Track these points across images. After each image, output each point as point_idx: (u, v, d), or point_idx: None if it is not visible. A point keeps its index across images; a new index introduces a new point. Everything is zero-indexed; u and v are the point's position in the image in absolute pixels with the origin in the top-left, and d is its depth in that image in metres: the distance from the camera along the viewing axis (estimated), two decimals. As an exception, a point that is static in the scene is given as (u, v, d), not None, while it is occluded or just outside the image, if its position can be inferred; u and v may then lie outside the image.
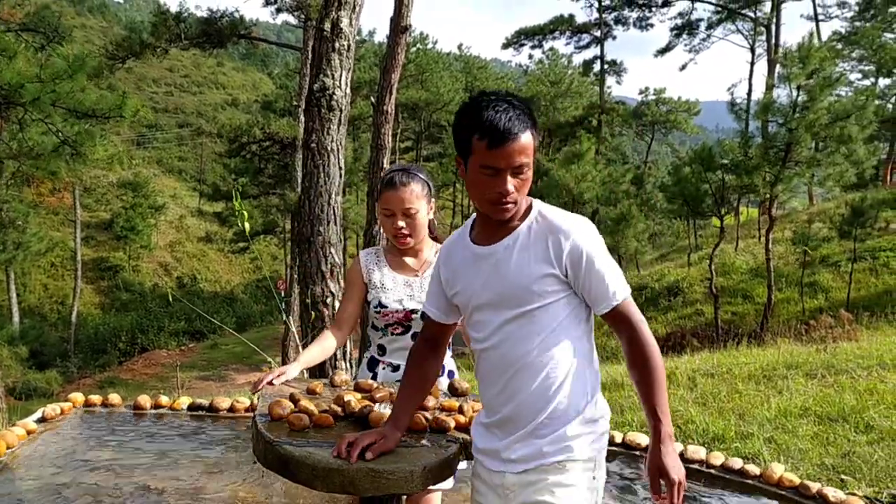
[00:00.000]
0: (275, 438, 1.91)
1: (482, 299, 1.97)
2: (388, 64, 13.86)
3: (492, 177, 1.85)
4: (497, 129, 1.80)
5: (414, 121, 39.01)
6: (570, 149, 21.33)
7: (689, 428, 5.82)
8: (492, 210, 1.90)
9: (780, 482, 3.52)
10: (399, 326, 2.74)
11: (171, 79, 70.36)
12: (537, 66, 45.70)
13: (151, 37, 18.09)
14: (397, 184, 2.66)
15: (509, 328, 1.94)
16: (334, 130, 6.19)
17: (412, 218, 2.68)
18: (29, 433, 3.48)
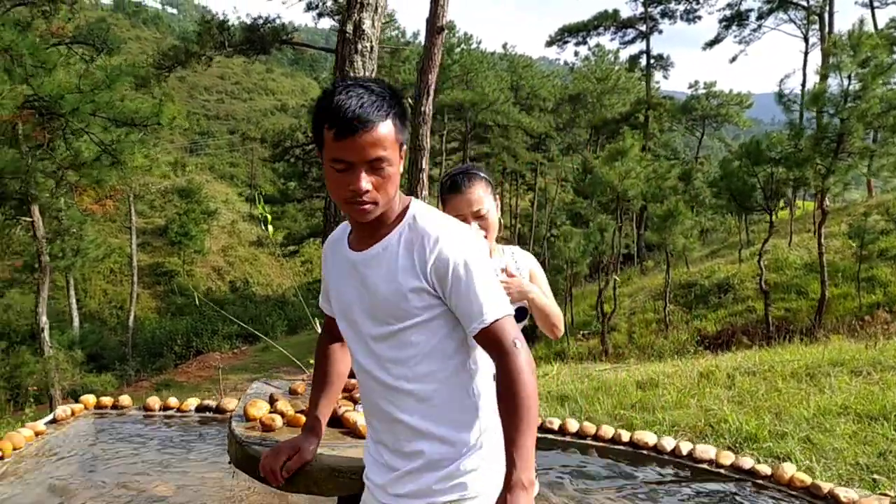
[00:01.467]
0: (246, 439, 1.91)
1: (353, 313, 1.78)
2: (425, 65, 13.89)
3: (344, 172, 1.63)
4: (345, 117, 1.57)
5: (459, 121, 38.96)
6: (614, 146, 21.04)
7: (721, 427, 5.68)
8: (348, 210, 1.68)
9: (791, 482, 3.41)
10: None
11: (223, 86, 71.76)
12: (583, 63, 45.32)
13: (196, 45, 18.48)
14: (462, 186, 2.52)
15: (379, 348, 1.74)
16: (358, 132, 6.20)
17: (483, 219, 2.51)
18: (37, 434, 3.58)
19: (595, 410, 6.35)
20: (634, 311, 25.06)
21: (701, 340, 19.39)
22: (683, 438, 5.58)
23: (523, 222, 46.22)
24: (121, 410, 3.97)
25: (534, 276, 2.66)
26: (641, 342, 22.13)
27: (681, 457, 3.76)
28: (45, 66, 7.40)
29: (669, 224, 21.71)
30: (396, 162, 1.66)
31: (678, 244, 21.85)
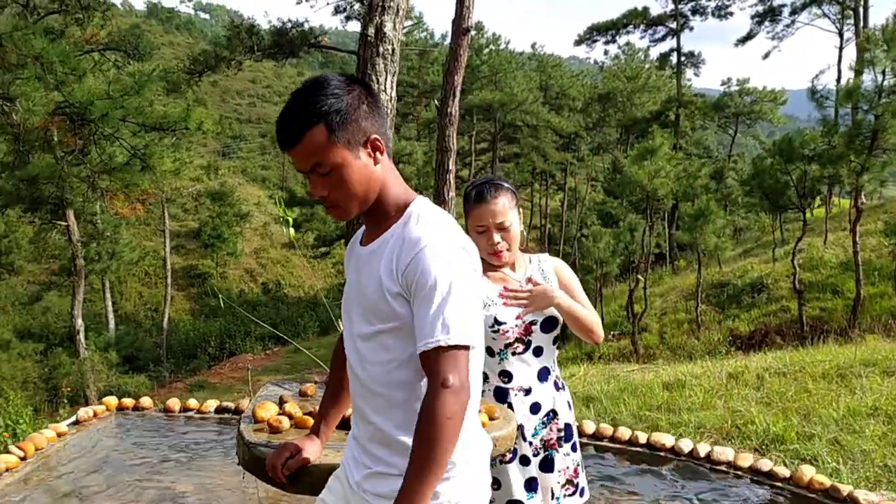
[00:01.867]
0: (252, 440, 1.94)
1: (349, 308, 1.77)
2: (451, 66, 13.90)
3: (308, 179, 1.69)
4: (277, 137, 1.66)
5: (489, 122, 38.97)
6: (643, 145, 20.86)
7: (748, 429, 5.61)
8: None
9: (810, 484, 3.36)
10: (520, 343, 2.55)
11: (254, 90, 72.51)
12: (613, 62, 45.01)
13: (226, 50, 18.71)
14: (487, 197, 2.51)
15: (363, 347, 1.71)
16: (381, 134, 6.22)
17: (507, 231, 2.52)
18: (59, 435, 3.65)
19: (620, 412, 6.30)
20: (666, 311, 24.83)
21: (733, 341, 19.16)
22: (709, 440, 5.52)
23: (553, 222, 46.01)
24: (142, 412, 4.04)
25: (563, 281, 2.63)
26: (673, 343, 21.93)
27: (698, 458, 3.73)
28: (75, 73, 7.57)
29: (701, 223, 21.48)
30: (342, 162, 1.63)
31: (710, 243, 21.61)
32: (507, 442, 2.28)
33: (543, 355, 2.59)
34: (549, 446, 2.57)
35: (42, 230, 20.74)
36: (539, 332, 2.55)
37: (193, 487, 3.27)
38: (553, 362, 2.64)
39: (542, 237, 43.63)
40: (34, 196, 14.93)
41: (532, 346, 2.57)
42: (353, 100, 1.65)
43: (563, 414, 2.60)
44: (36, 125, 7.92)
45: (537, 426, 2.57)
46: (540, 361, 2.59)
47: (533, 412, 2.57)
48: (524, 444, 2.53)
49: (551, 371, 2.62)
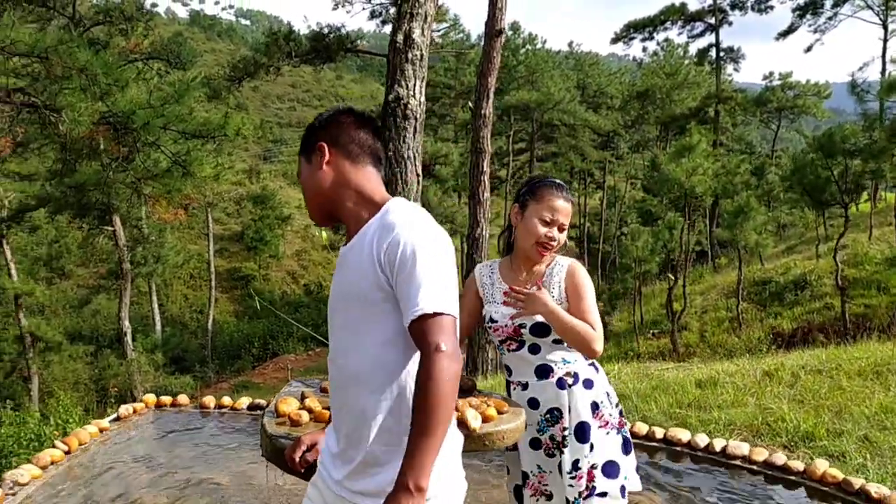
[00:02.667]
0: (274, 433, 2.07)
1: (332, 302, 1.88)
2: (485, 68, 14.04)
3: None
4: None
5: (526, 122, 38.92)
6: (681, 142, 20.69)
7: (778, 426, 5.61)
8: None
9: (823, 478, 3.40)
10: (513, 342, 2.64)
11: (294, 94, 73.39)
12: (651, 59, 44.61)
13: (264, 57, 19.03)
14: (565, 193, 2.61)
15: (343, 336, 1.81)
16: (410, 139, 6.37)
17: (562, 233, 2.61)
18: (101, 431, 3.85)
19: (650, 409, 6.34)
20: (706, 309, 24.59)
21: (775, 339, 18.94)
22: (738, 437, 5.55)
23: (592, 221, 45.77)
24: (179, 409, 4.23)
25: (571, 288, 2.60)
26: (713, 341, 21.72)
27: (714, 453, 3.79)
28: (118, 83, 7.86)
29: (741, 220, 21.24)
30: (300, 170, 1.94)
31: (750, 240, 21.35)
32: (515, 434, 2.38)
33: (541, 353, 2.61)
34: (560, 447, 2.56)
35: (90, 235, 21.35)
36: (529, 333, 2.58)
37: (227, 479, 3.43)
38: (563, 361, 2.61)
39: (580, 236, 43.44)
40: (82, 202, 15.43)
41: (527, 345, 2.62)
42: (320, 120, 1.96)
43: (571, 414, 2.55)
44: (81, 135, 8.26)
45: (540, 422, 2.60)
46: (539, 359, 2.61)
47: (531, 406, 2.61)
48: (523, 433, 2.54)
49: (555, 368, 2.60)
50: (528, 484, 2.60)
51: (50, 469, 3.36)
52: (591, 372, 2.65)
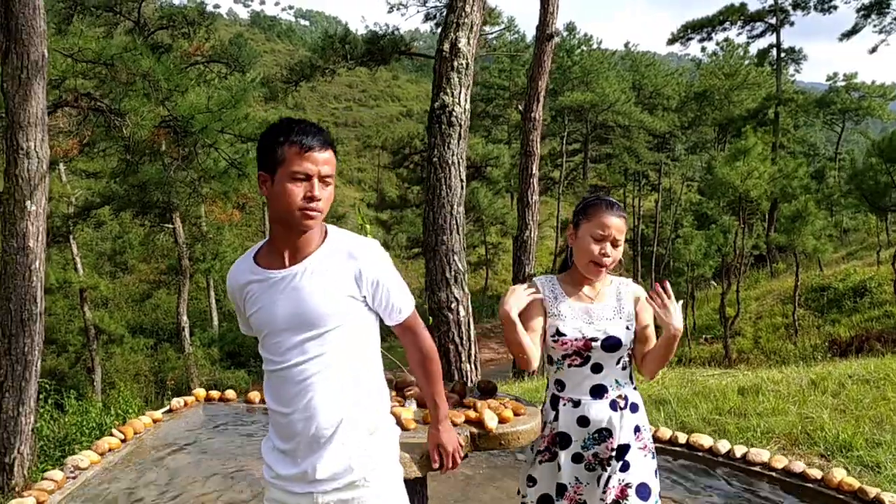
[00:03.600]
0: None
1: (280, 324, 2.06)
2: (535, 71, 14.12)
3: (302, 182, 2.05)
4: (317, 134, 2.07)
5: (580, 123, 38.74)
6: (736, 145, 20.38)
7: (817, 435, 5.60)
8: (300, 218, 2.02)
9: (839, 486, 3.45)
10: (577, 357, 2.63)
11: (351, 94, 74.24)
12: (710, 59, 43.91)
13: (320, 59, 19.45)
14: (617, 210, 2.63)
15: (308, 347, 2.04)
16: (454, 145, 6.52)
17: (616, 249, 2.62)
18: (154, 421, 4.11)
19: (689, 415, 6.37)
20: (761, 315, 24.20)
21: (831, 347, 18.55)
22: (776, 445, 5.57)
23: (647, 223, 45.28)
24: (227, 402, 4.47)
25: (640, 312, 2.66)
26: (768, 348, 21.39)
27: (734, 459, 3.85)
28: (178, 88, 8.22)
29: (798, 225, 20.85)
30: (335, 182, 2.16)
31: (808, 245, 20.94)
32: (529, 435, 2.52)
33: (602, 373, 2.62)
34: (604, 465, 2.59)
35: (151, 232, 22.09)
36: (600, 349, 2.59)
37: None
38: (616, 383, 2.64)
39: (634, 238, 43.02)
40: (144, 201, 16.01)
41: (591, 362, 2.61)
42: None
43: (620, 435, 2.60)
44: (143, 137, 8.65)
45: (587, 439, 2.61)
46: (597, 378, 2.62)
47: (580, 425, 2.61)
48: (563, 451, 2.60)
49: (610, 390, 2.62)
50: (565, 495, 2.60)
51: (108, 455, 3.63)
52: (637, 397, 2.72)
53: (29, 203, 7.27)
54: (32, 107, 7.18)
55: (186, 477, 3.64)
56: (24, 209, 7.23)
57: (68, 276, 24.53)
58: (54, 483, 3.28)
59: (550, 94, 38.26)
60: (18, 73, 7.06)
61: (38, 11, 7.09)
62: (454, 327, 6.52)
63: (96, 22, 16.52)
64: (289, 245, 2.07)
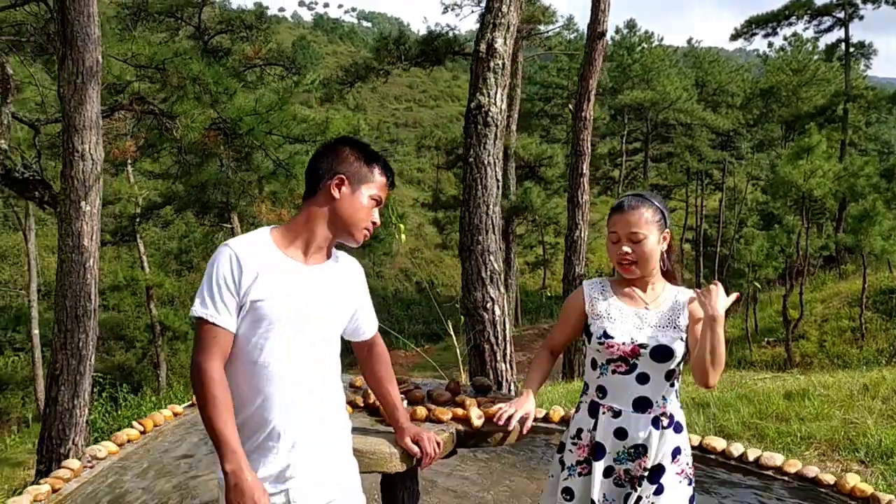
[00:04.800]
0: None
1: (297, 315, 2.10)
2: (586, 70, 13.99)
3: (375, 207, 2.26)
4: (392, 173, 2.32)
5: (640, 121, 38.19)
6: (799, 143, 19.79)
7: (858, 441, 5.44)
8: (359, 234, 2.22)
9: (852, 492, 3.36)
10: (623, 363, 2.50)
11: (411, 94, 74.78)
12: (778, 54, 42.75)
13: (374, 61, 19.67)
14: (625, 207, 2.51)
15: (326, 348, 2.20)
16: (490, 145, 6.55)
17: (639, 244, 2.47)
18: (175, 415, 4.24)
19: (728, 419, 6.26)
20: (827, 318, 23.44)
21: (898, 351, 17.90)
22: (816, 451, 5.43)
23: (710, 223, 44.37)
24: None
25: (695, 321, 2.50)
26: (833, 351, 20.74)
27: (748, 463, 3.77)
28: (227, 92, 8.45)
29: (865, 225, 20.15)
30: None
31: (876, 246, 20.21)
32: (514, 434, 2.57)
33: (648, 384, 2.48)
34: (630, 483, 2.48)
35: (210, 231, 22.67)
36: (648, 357, 2.46)
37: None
38: (662, 399, 2.50)
39: (697, 238, 42.21)
40: (203, 200, 16.44)
41: (636, 371, 2.48)
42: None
43: (656, 454, 2.47)
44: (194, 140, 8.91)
45: (621, 453, 2.50)
46: (642, 390, 2.48)
47: (617, 437, 2.49)
48: (597, 463, 2.49)
49: (654, 405, 2.49)
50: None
51: (126, 447, 3.77)
52: (682, 416, 2.58)
53: (84, 203, 7.54)
54: (87, 111, 7.45)
55: (202, 468, 3.75)
56: (79, 209, 7.50)
57: (135, 274, 25.37)
58: (71, 471, 3.43)
59: (610, 93, 37.84)
60: (74, 79, 7.33)
61: (93, 18, 7.35)
62: (489, 327, 6.54)
63: (159, 27, 17.07)
64: (318, 245, 2.18)
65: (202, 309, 2.02)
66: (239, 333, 2.06)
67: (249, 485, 1.94)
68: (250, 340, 2.06)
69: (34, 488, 3.29)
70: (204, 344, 2.02)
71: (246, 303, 2.04)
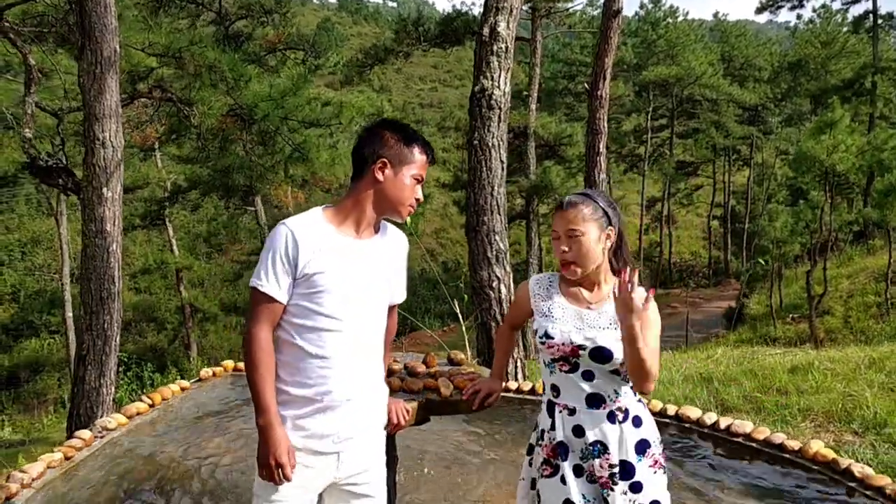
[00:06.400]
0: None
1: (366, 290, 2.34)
2: (601, 49, 13.98)
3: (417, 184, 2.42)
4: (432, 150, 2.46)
5: (666, 97, 37.81)
6: (822, 117, 19.54)
7: (855, 413, 5.55)
8: (404, 210, 2.41)
9: (815, 457, 3.50)
10: (566, 363, 2.49)
11: (436, 75, 74.56)
12: (806, 27, 41.99)
13: (394, 43, 19.75)
14: (565, 205, 2.49)
15: (380, 315, 2.42)
16: (494, 127, 6.68)
17: (576, 241, 2.44)
18: (183, 389, 4.48)
19: (729, 393, 6.39)
20: (853, 293, 23.23)
21: (923, 326, 17.75)
22: (812, 423, 5.56)
23: (739, 199, 43.93)
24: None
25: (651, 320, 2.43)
26: (858, 327, 20.59)
27: (719, 430, 3.91)
28: (242, 78, 8.65)
29: (891, 199, 19.90)
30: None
31: (903, 221, 19.96)
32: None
33: (596, 381, 2.47)
34: (603, 484, 2.44)
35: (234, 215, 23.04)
36: (587, 358, 2.45)
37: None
38: (615, 393, 2.49)
39: (724, 215, 41.86)
40: (227, 184, 16.74)
41: (580, 369, 2.48)
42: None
43: (619, 450, 2.46)
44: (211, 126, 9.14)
45: (584, 450, 2.49)
46: (592, 387, 2.48)
47: (576, 435, 2.49)
48: (565, 463, 2.47)
49: (608, 400, 2.48)
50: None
51: (135, 419, 4.02)
52: (641, 409, 2.55)
53: (105, 190, 7.81)
54: (107, 99, 7.70)
55: (207, 438, 3.99)
56: (101, 195, 7.77)
57: (165, 257, 25.88)
58: (82, 441, 3.68)
59: (634, 69, 37.48)
60: (93, 68, 7.58)
61: (109, 9, 7.57)
62: (495, 305, 6.71)
63: (180, 14, 17.30)
64: (367, 222, 2.37)
65: (257, 280, 2.24)
66: (300, 304, 2.25)
67: (277, 439, 2.18)
68: (311, 310, 2.25)
69: (47, 456, 3.54)
70: (256, 313, 2.24)
71: (303, 276, 2.23)
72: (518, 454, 3.76)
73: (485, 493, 3.50)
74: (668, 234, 40.62)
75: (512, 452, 3.97)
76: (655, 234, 42.49)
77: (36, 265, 31.83)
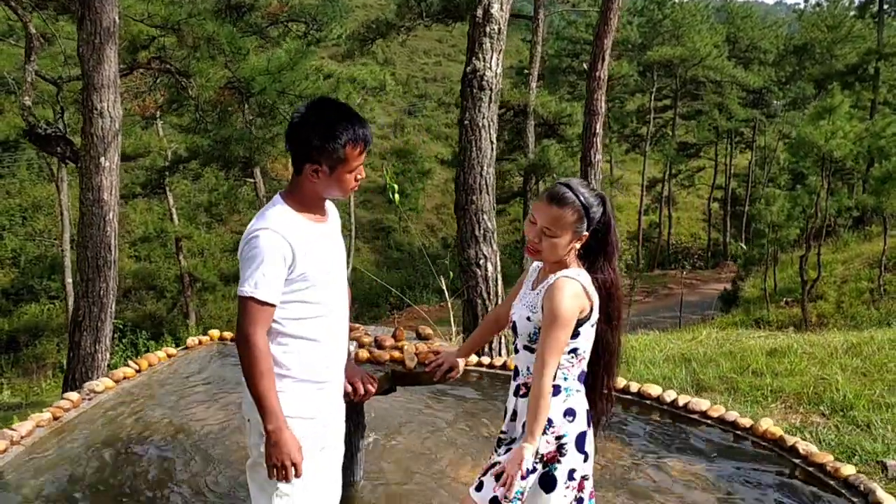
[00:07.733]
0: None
1: (335, 270, 2.48)
2: (601, 29, 14.03)
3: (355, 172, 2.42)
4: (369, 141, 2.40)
5: (670, 78, 37.68)
6: (821, 103, 19.59)
7: (824, 395, 5.72)
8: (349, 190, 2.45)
9: (764, 434, 3.68)
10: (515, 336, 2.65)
11: (440, 49, 74.02)
12: (813, 10, 41.71)
13: (396, 17, 19.73)
14: (552, 198, 2.50)
15: (342, 292, 2.54)
16: (485, 108, 6.79)
17: (548, 240, 2.48)
18: (169, 356, 4.66)
19: (706, 374, 6.56)
20: (846, 279, 23.41)
21: (914, 313, 17.93)
22: (782, 405, 5.73)
23: (740, 182, 43.94)
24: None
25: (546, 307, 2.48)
26: (850, 312, 20.78)
27: (677, 408, 4.09)
28: (240, 52, 8.73)
29: (888, 186, 20.01)
30: None
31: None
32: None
33: (517, 355, 2.64)
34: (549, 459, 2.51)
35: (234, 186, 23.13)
36: (511, 331, 2.64)
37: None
38: (527, 370, 2.58)
39: (725, 197, 41.90)
40: (227, 155, 16.83)
41: (515, 342, 2.65)
42: None
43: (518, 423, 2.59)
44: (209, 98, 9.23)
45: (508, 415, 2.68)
46: (516, 359, 2.65)
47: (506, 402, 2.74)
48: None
49: (520, 374, 2.62)
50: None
51: (122, 383, 4.20)
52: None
53: (103, 159, 7.93)
54: (105, 70, 7.80)
55: (193, 403, 4.17)
56: (99, 165, 7.90)
57: (165, 225, 26.02)
58: (70, 403, 3.86)
59: (639, 49, 37.32)
60: (92, 38, 7.67)
61: (109, -19, 7.65)
62: (482, 283, 6.87)
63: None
64: (322, 207, 2.45)
65: (252, 290, 2.21)
66: (290, 299, 2.31)
67: (288, 442, 2.25)
68: (300, 301, 2.34)
69: (37, 415, 3.72)
70: (252, 320, 2.23)
71: (299, 275, 2.30)
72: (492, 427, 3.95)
73: (449, 463, 3.67)
74: (668, 216, 40.69)
75: (486, 426, 4.14)
76: (655, 214, 42.55)
77: (36, 230, 31.96)
